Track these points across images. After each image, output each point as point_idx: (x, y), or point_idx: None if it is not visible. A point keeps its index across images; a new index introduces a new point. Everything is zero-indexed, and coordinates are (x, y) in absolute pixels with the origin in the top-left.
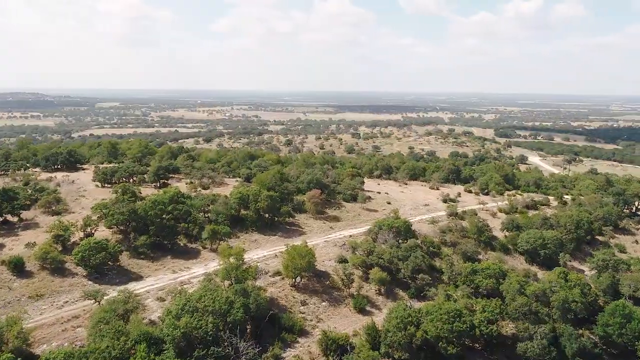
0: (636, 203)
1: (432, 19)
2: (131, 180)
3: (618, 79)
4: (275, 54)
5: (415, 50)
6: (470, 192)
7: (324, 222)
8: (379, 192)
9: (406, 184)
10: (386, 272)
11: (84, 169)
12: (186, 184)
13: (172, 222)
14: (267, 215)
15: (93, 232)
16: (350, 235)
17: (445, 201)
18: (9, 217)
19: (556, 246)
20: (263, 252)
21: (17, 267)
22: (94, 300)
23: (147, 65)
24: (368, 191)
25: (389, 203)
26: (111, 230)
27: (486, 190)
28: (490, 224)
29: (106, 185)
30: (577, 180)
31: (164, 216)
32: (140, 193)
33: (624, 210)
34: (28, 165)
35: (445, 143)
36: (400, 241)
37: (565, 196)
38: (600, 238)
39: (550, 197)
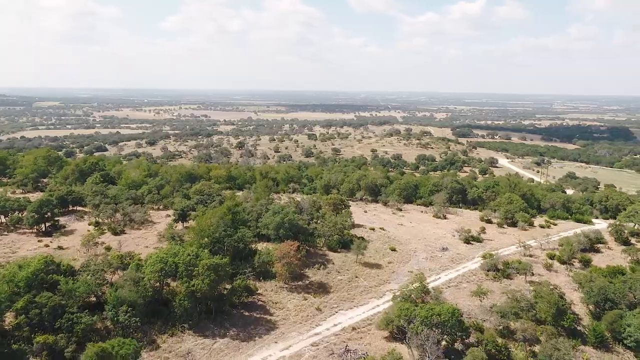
0: None
1: (382, 18)
2: (2, 220)
3: (560, 78)
4: (225, 53)
5: (366, 50)
6: (489, 221)
7: (305, 296)
8: (373, 229)
9: (400, 210)
10: None
11: None
12: (90, 224)
13: (24, 334)
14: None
15: None
16: (354, 328)
17: (467, 241)
18: None
19: None
20: None
21: None
22: None
23: (93, 64)
24: (357, 226)
25: (393, 250)
26: None
27: (511, 219)
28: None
29: None
30: (609, 198)
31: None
32: None
33: None
34: None
35: (409, 145)
36: (448, 345)
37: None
38: None
39: (597, 226)
